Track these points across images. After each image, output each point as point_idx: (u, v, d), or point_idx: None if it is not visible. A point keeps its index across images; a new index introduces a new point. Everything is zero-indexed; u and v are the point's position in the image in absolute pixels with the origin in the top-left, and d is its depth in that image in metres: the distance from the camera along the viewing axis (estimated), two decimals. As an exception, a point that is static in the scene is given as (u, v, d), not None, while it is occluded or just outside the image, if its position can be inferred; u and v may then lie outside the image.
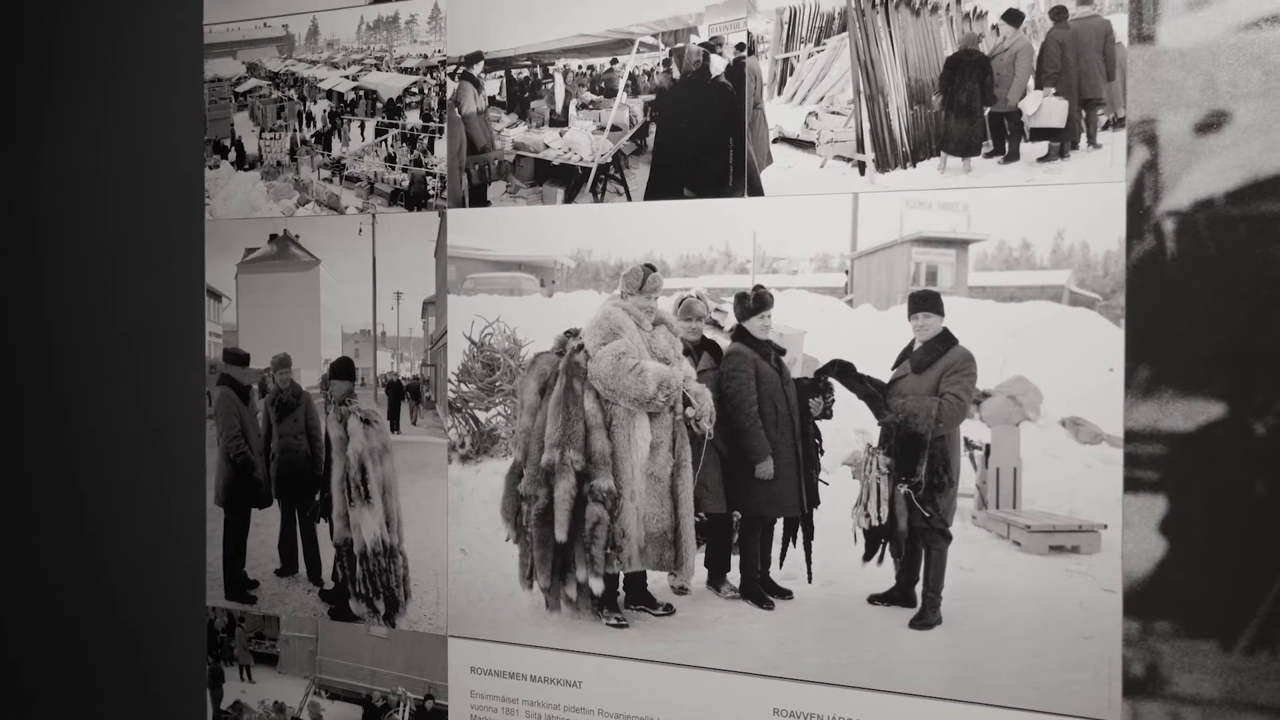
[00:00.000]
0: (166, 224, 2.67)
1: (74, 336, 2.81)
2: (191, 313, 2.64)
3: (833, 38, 2.03)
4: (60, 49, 2.80)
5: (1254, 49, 1.74)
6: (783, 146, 2.07)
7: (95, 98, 2.75)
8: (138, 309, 2.72)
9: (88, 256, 2.78)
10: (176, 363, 2.67)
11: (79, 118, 2.77)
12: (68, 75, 2.79)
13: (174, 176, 2.66)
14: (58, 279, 2.82)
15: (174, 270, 2.66)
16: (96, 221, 2.76)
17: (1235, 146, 1.75)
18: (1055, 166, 1.87)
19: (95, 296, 2.77)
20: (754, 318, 2.10)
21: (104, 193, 2.75)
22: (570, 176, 2.25)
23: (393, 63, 2.42)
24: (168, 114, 2.66)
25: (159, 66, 2.67)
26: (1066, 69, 1.87)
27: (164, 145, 2.67)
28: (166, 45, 2.66)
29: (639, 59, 2.19)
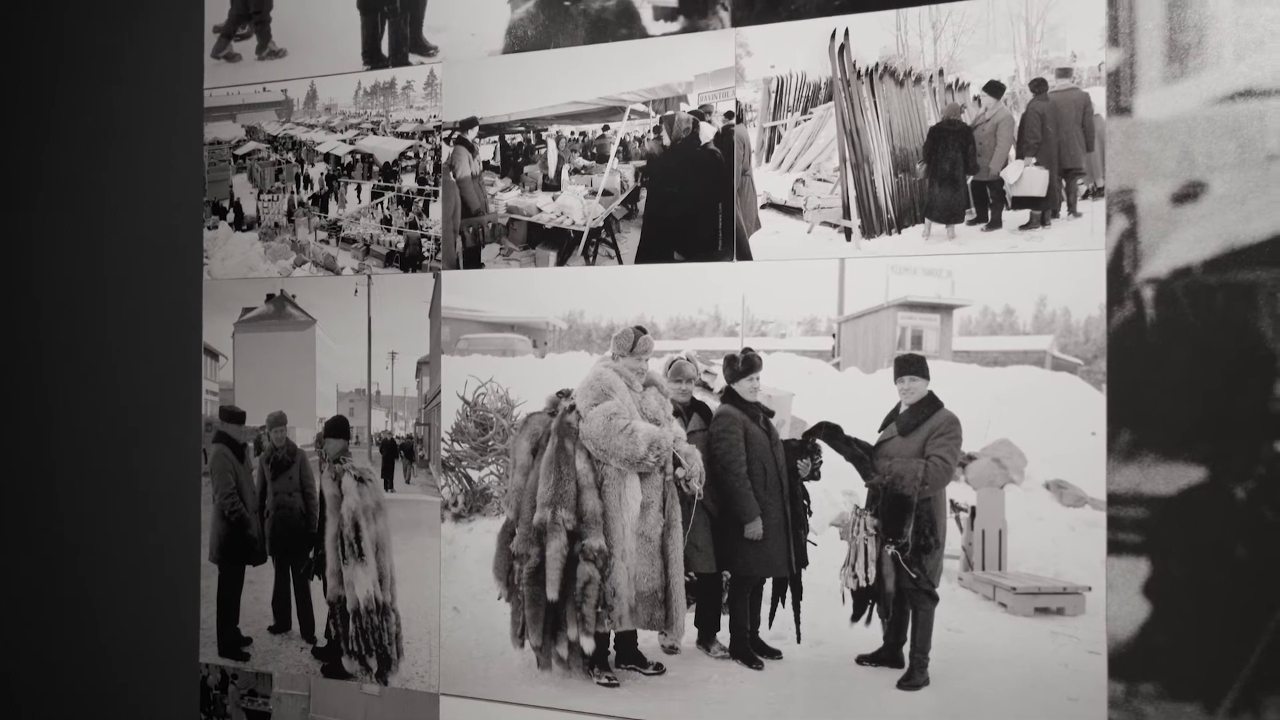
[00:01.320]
0: (165, 283, 2.70)
1: (72, 392, 2.83)
2: (188, 371, 2.67)
3: (819, 107, 2.08)
4: (63, 109, 2.84)
5: (1228, 122, 1.78)
6: (771, 212, 2.11)
7: (96, 157, 2.79)
8: (136, 366, 2.74)
9: (87, 314, 2.81)
10: (173, 420, 2.69)
11: (80, 177, 2.82)
12: (70, 135, 2.83)
13: (173, 237, 2.70)
14: (57, 336, 2.85)
15: (172, 329, 2.69)
16: (96, 280, 2.80)
17: (1212, 216, 1.79)
18: (1037, 234, 1.91)
19: (94, 354, 2.80)
20: (743, 380, 2.13)
21: (104, 252, 2.78)
22: (562, 240, 2.29)
23: (389, 127, 2.47)
24: (168, 175, 2.70)
25: (160, 128, 2.71)
26: (1047, 139, 1.91)
27: (164, 206, 2.71)
28: (167, 108, 2.70)
29: (630, 126, 2.24)
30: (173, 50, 2.70)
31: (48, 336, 2.87)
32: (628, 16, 2.23)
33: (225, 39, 2.65)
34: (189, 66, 2.68)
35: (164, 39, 2.71)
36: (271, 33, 2.59)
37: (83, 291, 2.82)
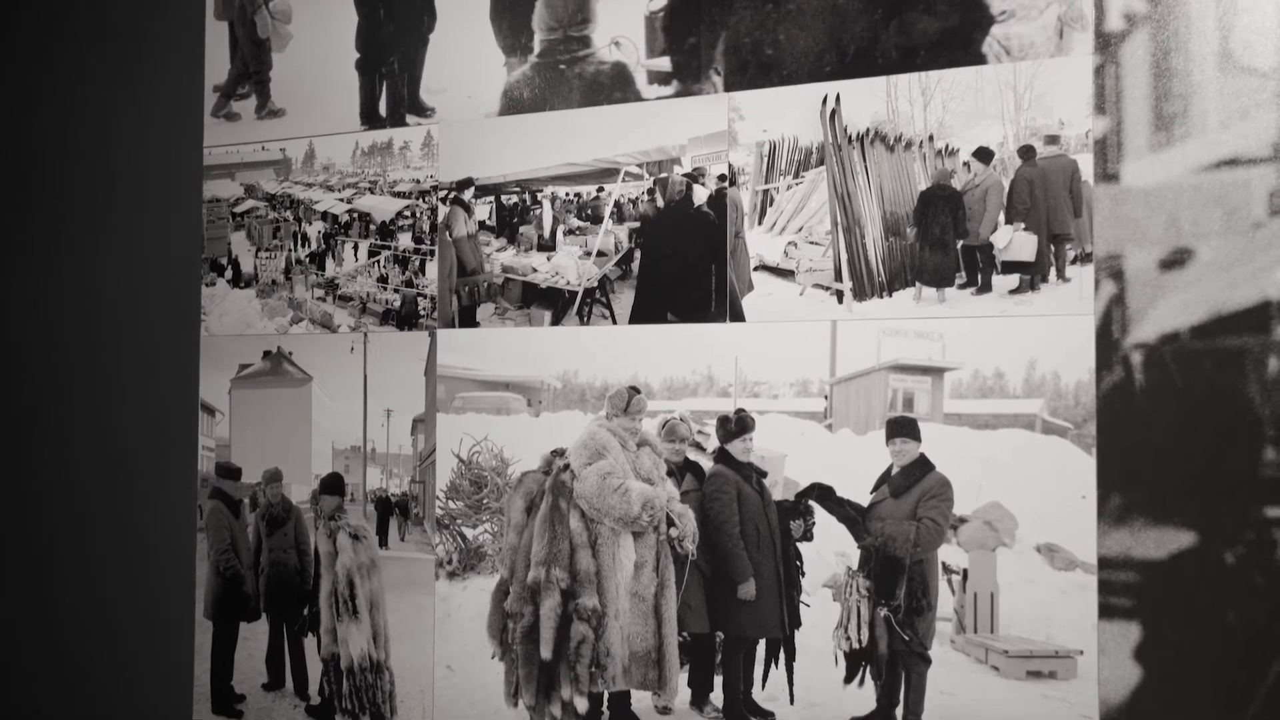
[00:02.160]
0: (163, 338, 2.72)
1: (70, 444, 2.84)
2: (185, 426, 2.69)
3: (811, 171, 2.10)
4: (64, 164, 2.87)
5: (1214, 190, 1.80)
6: (763, 274, 2.13)
7: (97, 212, 2.82)
8: (132, 422, 2.75)
9: (85, 367, 2.83)
10: (169, 475, 2.70)
11: (80, 231, 2.84)
12: (71, 190, 2.86)
13: (171, 293, 2.71)
14: (55, 389, 2.86)
15: (169, 384, 2.71)
16: (95, 334, 2.81)
17: (1199, 283, 1.81)
18: (1026, 299, 1.93)
19: (92, 407, 2.81)
20: (736, 440, 2.14)
21: (103, 307, 2.80)
22: (557, 300, 2.31)
23: (386, 187, 2.49)
24: (167, 232, 2.73)
25: (159, 186, 2.74)
26: (1035, 205, 1.94)
27: (162, 262, 2.73)
28: (168, 165, 2.73)
29: (624, 187, 2.26)
30: (173, 109, 2.73)
31: (46, 389, 2.88)
32: (622, 80, 2.26)
33: (225, 98, 2.68)
34: (189, 125, 2.71)
35: (165, 97, 2.74)
36: (271, 93, 2.62)
37: (81, 345, 2.83)
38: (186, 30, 2.72)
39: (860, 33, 2.05)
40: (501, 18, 2.38)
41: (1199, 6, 1.83)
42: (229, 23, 2.68)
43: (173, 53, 2.74)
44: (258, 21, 2.64)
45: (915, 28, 2.01)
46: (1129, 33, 1.87)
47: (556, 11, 2.32)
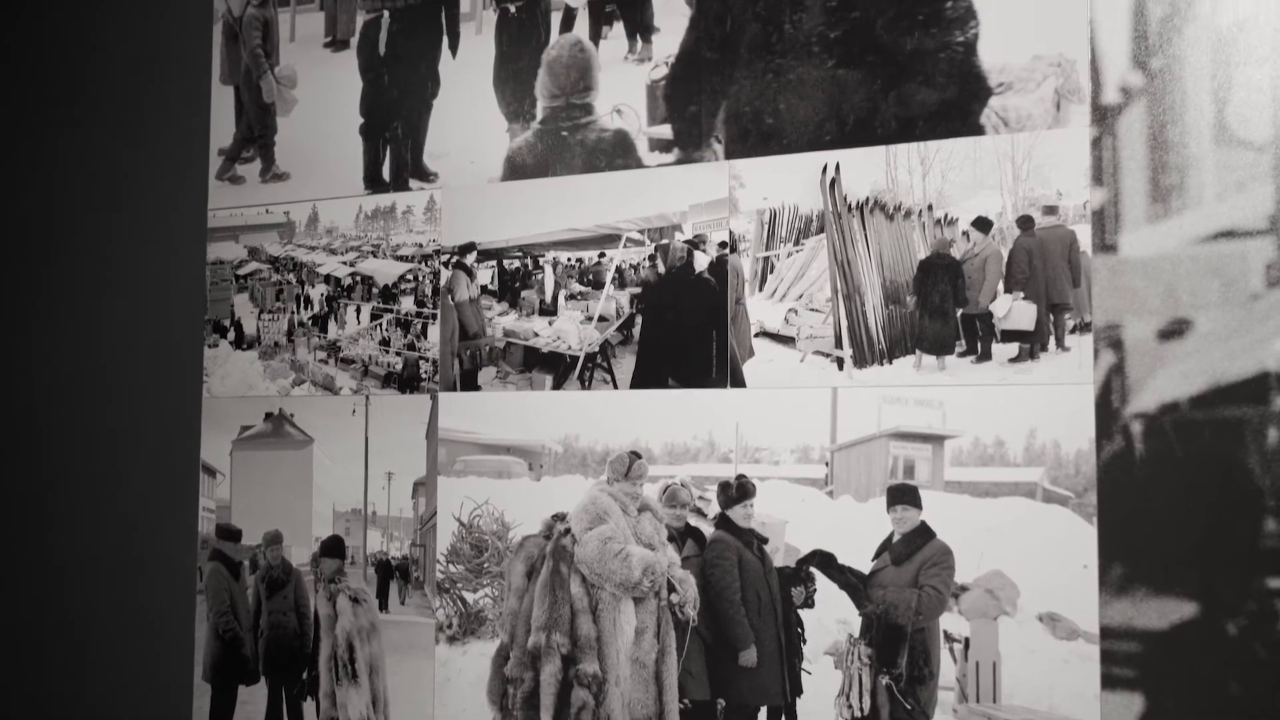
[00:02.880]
0: (165, 399, 2.73)
1: (71, 506, 2.84)
2: (186, 487, 2.69)
3: (811, 238, 2.12)
4: (69, 225, 2.89)
5: (1211, 261, 1.82)
6: (764, 341, 2.14)
7: (101, 273, 2.83)
8: (134, 482, 2.76)
9: (87, 428, 2.83)
10: (169, 536, 2.70)
11: (85, 292, 2.85)
12: (76, 251, 2.88)
13: (174, 353, 2.72)
14: (58, 449, 2.87)
15: (171, 445, 2.71)
16: (98, 394, 2.82)
17: (1197, 353, 1.82)
18: (1026, 367, 1.94)
19: (93, 467, 2.81)
20: (737, 506, 2.14)
21: (106, 367, 2.81)
22: (559, 364, 2.32)
23: (389, 250, 2.51)
24: (171, 293, 2.74)
25: (164, 247, 2.76)
26: (1034, 275, 1.95)
27: (166, 323, 2.74)
28: (172, 228, 2.75)
29: (626, 253, 2.28)
30: (179, 171, 2.75)
31: (48, 447, 2.88)
32: (624, 147, 2.28)
33: (230, 161, 2.70)
34: (194, 187, 2.73)
35: (171, 160, 2.76)
36: (275, 156, 2.65)
37: (84, 404, 2.84)
38: (193, 94, 2.75)
39: (860, 103, 2.08)
40: (504, 84, 2.41)
41: (1194, 81, 1.85)
42: (235, 87, 2.71)
43: (179, 116, 2.76)
44: (263, 86, 2.67)
45: (914, 99, 2.04)
46: (1125, 106, 1.89)
47: (559, 79, 2.35)
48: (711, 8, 2.21)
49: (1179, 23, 1.86)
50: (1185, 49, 1.86)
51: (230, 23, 2.72)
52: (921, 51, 2.03)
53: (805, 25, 2.12)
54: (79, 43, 2.91)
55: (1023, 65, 1.97)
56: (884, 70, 2.06)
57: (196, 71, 2.76)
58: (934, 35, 2.02)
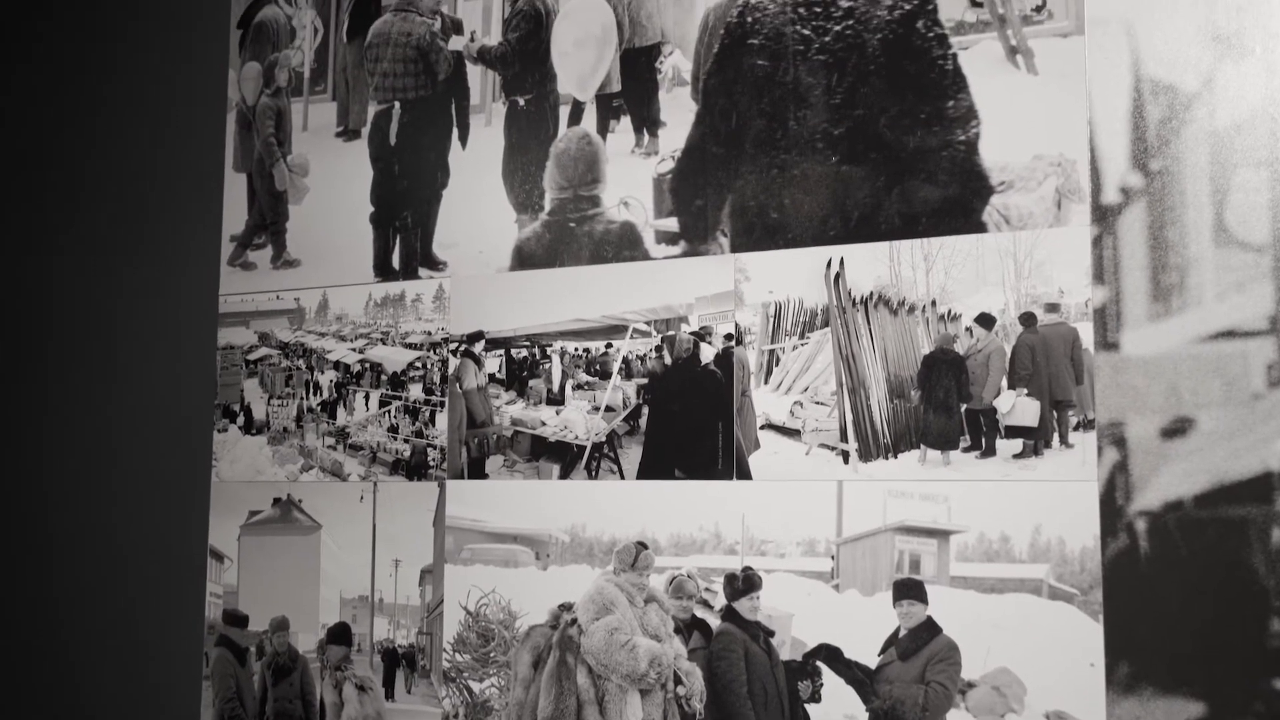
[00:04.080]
0: (174, 484, 2.74)
1: (77, 589, 2.85)
2: (193, 573, 2.69)
3: (816, 332, 2.14)
4: (82, 309, 2.92)
5: (1213, 360, 1.83)
6: (770, 433, 2.15)
7: (112, 358, 2.86)
8: (142, 566, 2.76)
9: (95, 511, 2.84)
10: (176, 621, 2.70)
11: (96, 375, 2.88)
12: (88, 333, 2.91)
13: (184, 438, 2.74)
14: (64, 532, 2.88)
15: (179, 529, 2.72)
16: (106, 477, 2.84)
17: (1200, 452, 1.83)
18: (1030, 464, 1.95)
19: (100, 552, 2.82)
20: (743, 598, 2.15)
21: (115, 451, 2.83)
22: (566, 453, 2.33)
23: (398, 338, 2.53)
24: (181, 378, 2.77)
25: (175, 332, 2.79)
26: (1037, 371, 1.97)
27: (175, 407, 2.76)
28: (184, 312, 2.78)
29: (632, 344, 2.30)
30: (191, 257, 2.79)
31: (55, 530, 2.89)
32: (631, 239, 2.31)
33: (242, 248, 2.74)
34: (206, 273, 2.76)
35: (183, 245, 2.80)
36: (287, 243, 2.68)
37: (92, 487, 2.86)
38: (206, 181, 2.79)
39: (863, 199, 2.11)
40: (513, 176, 2.45)
41: (1193, 182, 1.88)
42: (248, 174, 2.76)
43: (193, 202, 2.81)
44: (275, 174, 2.71)
45: (917, 196, 2.06)
46: (1125, 205, 1.92)
47: (567, 171, 2.39)
48: (717, 103, 2.25)
49: (1177, 125, 1.89)
50: (1184, 151, 1.89)
51: (244, 111, 2.77)
52: (924, 149, 2.06)
53: (809, 122, 2.15)
54: (95, 127, 2.96)
55: (1024, 164, 2.00)
56: (887, 167, 2.09)
57: (210, 158, 2.80)
58: (936, 134, 2.05)
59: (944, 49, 2.07)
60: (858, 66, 2.12)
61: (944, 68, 2.07)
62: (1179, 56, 1.90)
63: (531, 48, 2.45)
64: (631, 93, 2.36)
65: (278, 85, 2.74)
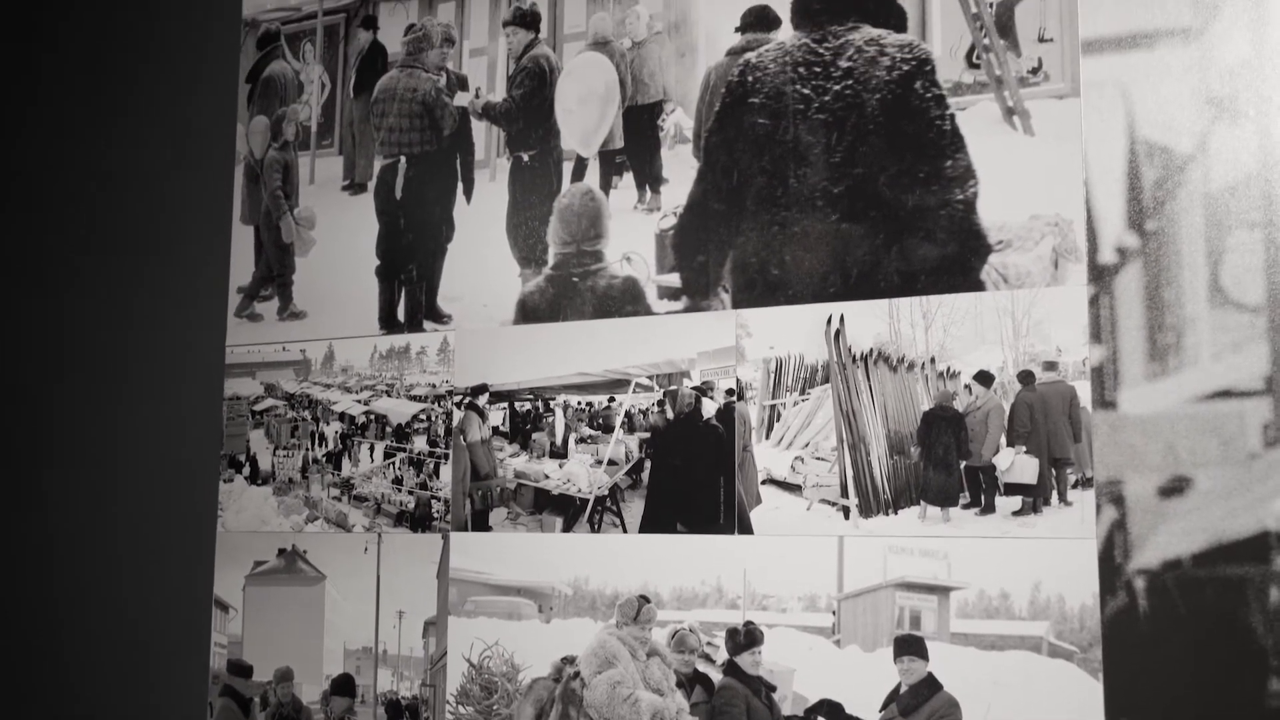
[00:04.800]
0: (179, 534, 2.76)
1: (81, 640, 2.86)
2: (198, 622, 2.70)
3: (816, 388, 2.16)
4: (87, 360, 2.95)
5: (1210, 420, 1.85)
6: (771, 488, 2.17)
7: (119, 408, 2.88)
8: (146, 616, 2.78)
9: (100, 561, 2.86)
10: (181, 671, 2.71)
11: (102, 426, 2.90)
12: (93, 384, 2.93)
13: (190, 488, 2.76)
14: (69, 583, 2.89)
15: (184, 579, 2.74)
16: (111, 527, 2.85)
17: (1198, 511, 1.84)
18: (1029, 521, 1.96)
19: (105, 601, 2.84)
20: (745, 653, 2.16)
21: (120, 501, 2.85)
22: (569, 507, 2.35)
23: (403, 390, 2.55)
24: (187, 428, 2.79)
25: (182, 382, 2.81)
26: (1036, 429, 1.98)
27: (182, 458, 2.78)
28: (191, 363, 2.80)
29: (635, 398, 2.32)
30: (198, 308, 2.81)
31: (60, 580, 2.91)
32: (633, 294, 2.33)
33: (249, 299, 2.77)
34: (213, 324, 2.79)
35: (190, 297, 2.83)
36: (293, 295, 2.71)
37: (98, 537, 2.87)
38: (213, 233, 2.82)
39: (863, 256, 2.13)
40: (517, 231, 2.47)
41: (1189, 243, 1.90)
42: (255, 227, 2.79)
43: (200, 254, 2.83)
44: (282, 227, 2.74)
45: (915, 254, 2.09)
46: (1122, 265, 1.94)
47: (570, 226, 2.41)
48: (719, 161, 2.28)
49: (1172, 187, 1.92)
50: (1179, 212, 1.91)
51: (252, 164, 2.81)
52: (922, 208, 2.09)
53: (809, 180, 2.18)
54: (105, 177, 3.00)
55: (1021, 224, 2.02)
56: (886, 225, 2.12)
57: (218, 211, 2.83)
58: (934, 193, 2.08)
59: (942, 109, 2.10)
60: (857, 126, 2.15)
61: (942, 128, 2.10)
62: (1173, 119, 1.93)
63: (535, 104, 2.49)
64: (634, 149, 2.39)
65: (285, 139, 2.77)
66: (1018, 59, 2.08)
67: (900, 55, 2.14)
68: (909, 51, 2.13)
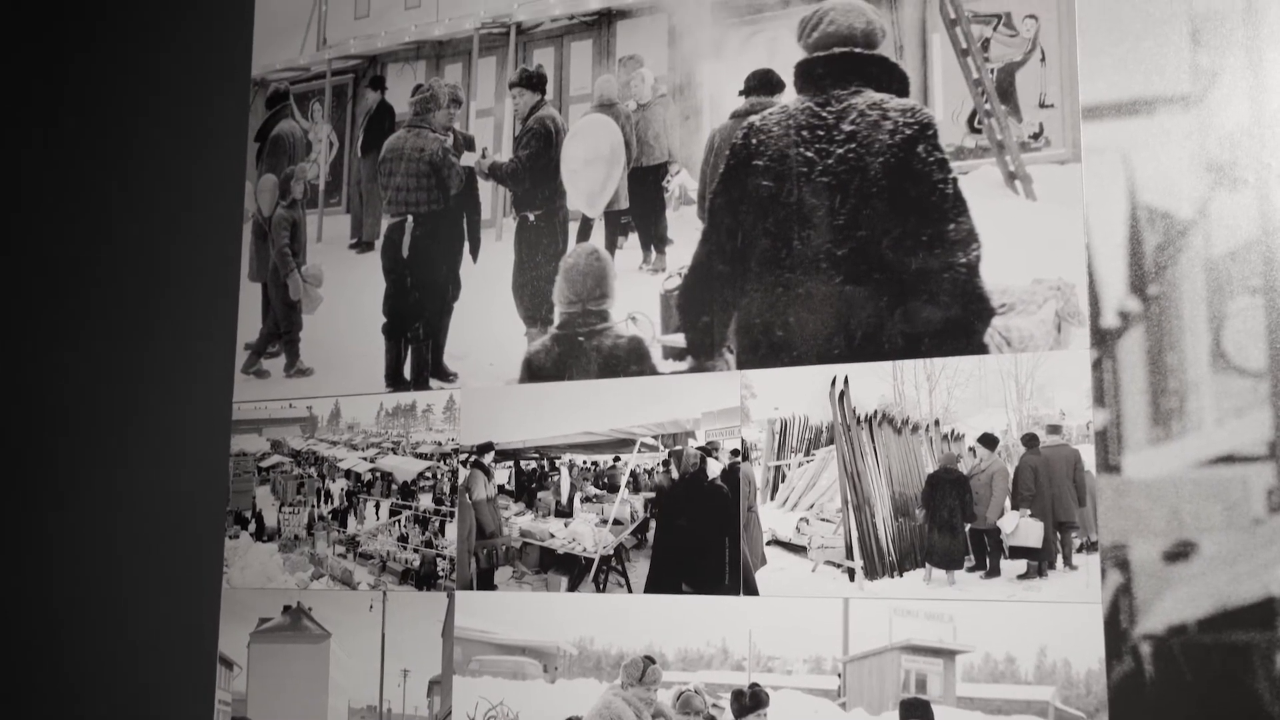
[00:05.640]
0: (185, 590, 2.76)
1: (87, 695, 2.85)
2: (202, 679, 2.70)
3: (821, 449, 2.16)
4: (97, 415, 2.96)
5: (1214, 485, 1.85)
6: (776, 549, 2.17)
7: (127, 463, 2.89)
8: (151, 671, 2.77)
9: (105, 616, 2.86)
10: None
11: (109, 481, 2.91)
12: (101, 440, 2.94)
13: (195, 544, 2.77)
14: (73, 637, 2.89)
15: (189, 636, 2.74)
16: (116, 582, 2.85)
17: (1203, 576, 1.84)
18: (1034, 584, 1.96)
19: (110, 657, 2.83)
20: (750, 715, 2.15)
21: (126, 556, 2.85)
22: (574, 566, 2.35)
23: (409, 448, 2.56)
24: (194, 484, 2.79)
25: (189, 438, 2.82)
26: (1040, 492, 1.99)
27: (188, 514, 2.79)
28: (198, 419, 2.82)
29: (640, 458, 2.33)
30: (206, 364, 2.83)
31: (66, 635, 2.90)
32: (638, 354, 2.35)
33: (256, 356, 2.78)
34: (220, 380, 2.81)
35: (198, 353, 2.85)
36: (300, 352, 2.73)
37: (104, 592, 2.87)
38: (222, 290, 2.84)
39: (867, 318, 2.14)
40: (523, 290, 2.49)
41: (1190, 307, 1.91)
42: (262, 284, 2.81)
43: (208, 311, 2.86)
44: (290, 284, 2.76)
45: (919, 316, 2.10)
46: (1124, 330, 1.95)
47: (576, 286, 2.43)
48: (723, 222, 2.30)
49: (1173, 252, 1.93)
50: (1180, 277, 1.93)
51: (260, 222, 2.83)
52: (926, 271, 2.10)
53: (813, 242, 2.20)
54: (115, 234, 3.02)
55: (1024, 287, 2.03)
56: (890, 288, 2.13)
57: (227, 267, 2.85)
58: (937, 255, 2.10)
59: (944, 173, 2.12)
60: (860, 189, 2.17)
61: (945, 191, 2.12)
62: (1174, 185, 1.94)
63: (542, 165, 2.51)
64: (639, 210, 2.42)
65: (293, 197, 2.80)
66: (1019, 124, 2.10)
67: (903, 119, 2.16)
68: (911, 116, 2.16)
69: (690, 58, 2.39)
